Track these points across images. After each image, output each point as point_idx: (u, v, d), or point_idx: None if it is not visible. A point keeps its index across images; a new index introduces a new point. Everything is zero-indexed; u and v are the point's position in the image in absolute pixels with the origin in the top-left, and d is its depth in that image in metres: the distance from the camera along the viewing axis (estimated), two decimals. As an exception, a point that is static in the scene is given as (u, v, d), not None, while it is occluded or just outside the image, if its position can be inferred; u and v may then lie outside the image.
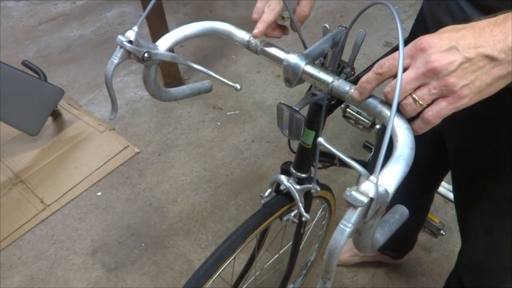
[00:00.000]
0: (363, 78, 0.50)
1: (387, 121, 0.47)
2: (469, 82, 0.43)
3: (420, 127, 0.47)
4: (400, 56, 0.42)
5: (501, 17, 0.43)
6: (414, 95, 0.45)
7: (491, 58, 0.42)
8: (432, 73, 0.43)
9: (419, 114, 0.47)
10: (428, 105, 0.45)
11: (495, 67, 0.43)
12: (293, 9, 0.62)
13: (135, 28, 0.53)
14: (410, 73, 0.45)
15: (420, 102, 0.45)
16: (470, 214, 0.84)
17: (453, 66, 0.43)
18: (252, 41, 0.61)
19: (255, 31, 0.59)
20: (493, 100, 0.64)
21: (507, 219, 0.74)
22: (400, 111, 0.47)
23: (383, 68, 0.47)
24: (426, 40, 0.44)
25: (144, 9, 1.85)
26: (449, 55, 0.43)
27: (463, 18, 0.59)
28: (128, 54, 0.54)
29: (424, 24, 0.74)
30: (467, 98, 0.44)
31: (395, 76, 0.47)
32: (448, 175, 0.96)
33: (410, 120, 0.48)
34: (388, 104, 0.50)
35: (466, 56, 0.43)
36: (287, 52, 0.58)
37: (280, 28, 0.64)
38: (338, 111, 0.99)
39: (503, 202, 0.74)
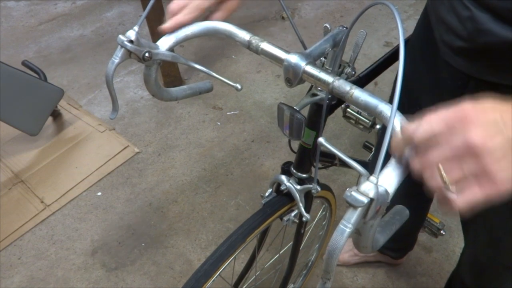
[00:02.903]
0: (394, 143, 0.43)
1: (388, 121, 0.47)
2: (508, 165, 0.37)
3: (444, 211, 0.40)
4: (401, 54, 0.42)
5: None
6: (443, 172, 0.38)
7: None
8: (470, 153, 0.37)
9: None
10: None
11: None
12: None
13: (136, 27, 0.53)
14: (445, 150, 0.38)
15: (448, 182, 0.38)
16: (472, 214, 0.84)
17: (493, 146, 0.37)
18: (253, 41, 0.61)
19: (165, 25, 0.59)
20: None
21: (509, 218, 0.74)
22: (419, 176, 0.41)
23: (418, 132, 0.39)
24: (468, 110, 0.38)
25: (144, 9, 1.85)
26: (491, 132, 0.37)
27: (468, 17, 0.59)
28: (129, 53, 0.54)
29: (429, 24, 0.74)
30: (503, 185, 0.37)
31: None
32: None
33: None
34: (388, 104, 0.50)
35: (509, 136, 0.37)
36: (288, 52, 0.58)
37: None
38: (338, 111, 0.99)
39: (504, 202, 0.74)
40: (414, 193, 1.09)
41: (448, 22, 0.65)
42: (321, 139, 0.47)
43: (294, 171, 0.81)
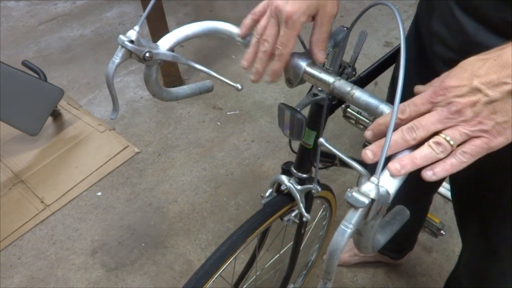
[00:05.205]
0: (381, 120, 0.46)
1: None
2: (501, 121, 0.40)
3: (452, 165, 0.42)
4: (402, 54, 0.42)
5: None
6: (443, 135, 0.41)
7: None
8: (458, 115, 0.41)
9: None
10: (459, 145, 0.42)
11: None
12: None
13: (137, 27, 0.53)
14: (433, 115, 0.42)
15: (452, 142, 0.41)
16: (469, 220, 0.83)
17: (477, 108, 0.40)
18: (253, 41, 0.61)
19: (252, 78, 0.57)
20: None
21: (507, 227, 0.73)
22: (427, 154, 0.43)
23: (404, 113, 0.44)
24: (444, 85, 0.42)
25: (144, 9, 1.85)
26: (471, 98, 0.40)
27: (458, 29, 0.57)
28: (129, 54, 0.54)
29: (419, 33, 0.72)
30: (502, 137, 0.40)
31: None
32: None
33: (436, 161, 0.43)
34: (389, 104, 0.50)
35: (489, 96, 0.39)
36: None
37: None
38: (338, 111, 0.99)
39: (502, 211, 0.72)
40: (415, 194, 1.09)
41: (438, 33, 0.63)
42: (321, 139, 0.46)
43: (295, 171, 0.81)
